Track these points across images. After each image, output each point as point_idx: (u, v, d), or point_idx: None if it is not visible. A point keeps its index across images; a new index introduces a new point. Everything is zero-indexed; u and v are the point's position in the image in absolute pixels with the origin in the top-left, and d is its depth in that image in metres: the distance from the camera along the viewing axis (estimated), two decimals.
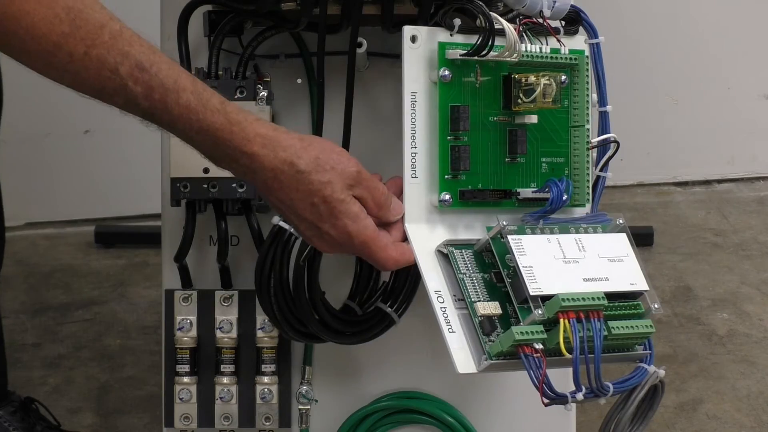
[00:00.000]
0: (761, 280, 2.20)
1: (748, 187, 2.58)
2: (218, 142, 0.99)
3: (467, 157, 1.06)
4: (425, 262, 1.04)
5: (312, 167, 1.01)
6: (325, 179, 1.01)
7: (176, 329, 1.24)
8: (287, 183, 1.01)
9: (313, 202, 1.01)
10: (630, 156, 2.45)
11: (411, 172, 1.06)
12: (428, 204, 1.07)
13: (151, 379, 1.87)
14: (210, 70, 1.19)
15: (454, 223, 1.07)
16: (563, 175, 1.11)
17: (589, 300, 0.99)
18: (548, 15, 1.09)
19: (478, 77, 1.07)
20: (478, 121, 1.07)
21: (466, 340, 1.01)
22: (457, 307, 1.02)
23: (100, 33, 0.95)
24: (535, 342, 0.98)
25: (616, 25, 2.37)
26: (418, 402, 1.29)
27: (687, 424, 1.78)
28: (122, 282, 2.20)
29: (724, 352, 1.96)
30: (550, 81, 1.07)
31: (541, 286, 1.00)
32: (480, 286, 1.03)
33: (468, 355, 1.01)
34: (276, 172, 1.00)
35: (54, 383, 1.89)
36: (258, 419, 1.25)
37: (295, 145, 1.01)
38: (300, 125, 1.25)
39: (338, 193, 1.02)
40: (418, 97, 1.06)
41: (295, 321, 1.18)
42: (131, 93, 0.97)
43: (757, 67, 2.56)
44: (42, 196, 2.36)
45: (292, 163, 1.00)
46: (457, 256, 1.04)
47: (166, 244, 1.26)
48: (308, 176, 1.01)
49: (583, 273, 1.02)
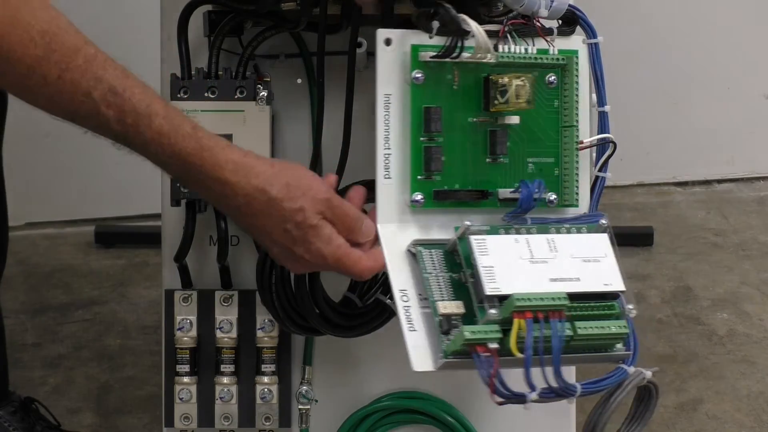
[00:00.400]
0: (761, 280, 2.20)
1: (748, 187, 2.58)
2: (189, 167, 1.00)
3: (439, 158, 1.07)
4: (393, 262, 1.05)
5: (284, 194, 1.02)
6: (296, 206, 1.02)
7: (176, 329, 1.24)
8: (259, 209, 1.02)
9: (285, 228, 1.02)
10: (630, 156, 2.45)
11: (384, 172, 1.07)
12: (402, 204, 1.07)
13: (151, 379, 1.87)
14: (210, 70, 1.20)
15: (429, 223, 1.08)
16: (553, 175, 1.11)
17: (549, 300, 1.00)
18: (546, 15, 1.09)
19: (455, 79, 1.08)
20: (456, 122, 1.08)
21: (427, 339, 1.02)
22: (421, 306, 1.03)
23: (74, 57, 0.95)
24: (489, 341, 0.99)
25: (616, 25, 2.37)
26: (418, 402, 1.29)
27: (687, 424, 1.78)
28: (122, 282, 2.20)
29: (724, 352, 1.97)
30: (524, 82, 1.07)
31: (500, 286, 1.00)
32: (446, 286, 1.04)
33: (426, 354, 1.01)
34: (248, 198, 1.01)
35: (54, 383, 1.89)
36: (258, 419, 1.25)
37: (266, 172, 1.02)
38: (300, 125, 1.25)
39: (310, 219, 1.03)
40: (392, 98, 1.07)
41: (296, 315, 1.18)
42: (104, 117, 0.97)
43: (757, 67, 2.56)
44: (42, 196, 2.36)
45: (264, 190, 1.01)
46: (424, 256, 1.05)
47: (166, 244, 1.26)
48: (280, 203, 1.02)
49: (550, 273, 1.03)
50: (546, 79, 1.10)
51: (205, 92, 1.19)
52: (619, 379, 1.06)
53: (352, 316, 1.21)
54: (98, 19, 2.22)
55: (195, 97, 1.18)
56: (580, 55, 1.11)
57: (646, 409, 1.10)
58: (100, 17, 2.21)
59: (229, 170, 1.00)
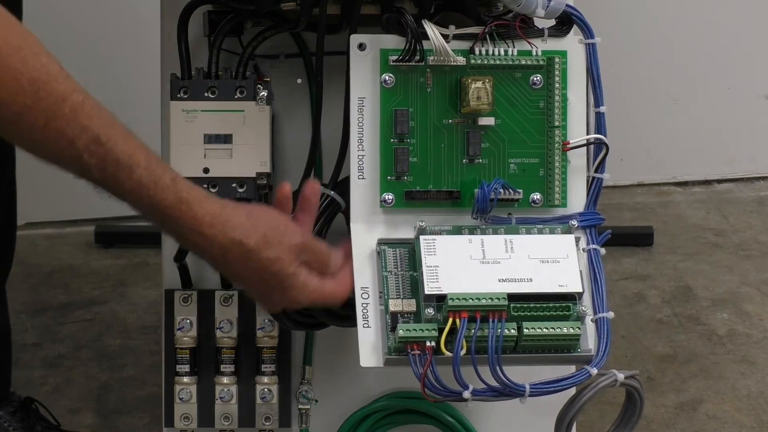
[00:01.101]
0: (761, 280, 2.20)
1: (748, 187, 2.58)
2: (167, 219, 1.01)
3: (406, 159, 1.10)
4: (359, 260, 1.08)
5: (261, 245, 1.03)
6: (273, 256, 1.03)
7: (176, 329, 1.24)
8: (237, 260, 1.03)
9: (262, 277, 1.04)
10: (630, 156, 2.45)
11: (358, 173, 1.10)
12: (374, 204, 1.10)
13: (151, 379, 1.87)
14: (210, 70, 1.19)
15: (400, 223, 1.10)
16: (537, 175, 1.12)
17: (487, 300, 1.02)
18: (542, 15, 1.09)
19: (428, 81, 1.10)
20: (430, 124, 1.11)
21: (379, 336, 1.05)
22: (380, 304, 1.06)
23: (61, 106, 0.95)
24: (426, 339, 1.02)
25: (616, 25, 2.37)
26: (418, 402, 1.29)
27: (687, 424, 1.78)
28: (122, 282, 2.20)
29: (724, 352, 1.96)
30: (484, 85, 1.09)
31: (441, 286, 1.03)
32: (406, 285, 1.06)
33: (374, 350, 1.05)
34: (225, 250, 1.02)
35: (54, 383, 1.89)
36: (258, 419, 1.25)
37: (243, 224, 1.03)
38: (300, 125, 1.25)
39: (287, 268, 1.04)
40: (366, 101, 1.10)
41: (295, 313, 1.18)
42: (86, 164, 0.98)
43: (757, 67, 2.56)
44: (42, 196, 2.36)
45: (241, 242, 1.02)
46: (387, 254, 1.08)
47: (166, 244, 1.26)
48: (257, 254, 1.03)
49: (501, 274, 1.05)
50: (530, 80, 1.11)
51: (205, 92, 1.19)
52: (579, 380, 1.05)
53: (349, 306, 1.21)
54: (99, 19, 2.22)
55: (195, 97, 1.18)
56: (570, 55, 1.12)
57: (632, 413, 1.10)
58: (101, 17, 2.21)
59: (206, 223, 1.01)
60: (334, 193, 1.18)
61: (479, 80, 1.09)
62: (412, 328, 1.02)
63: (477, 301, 1.02)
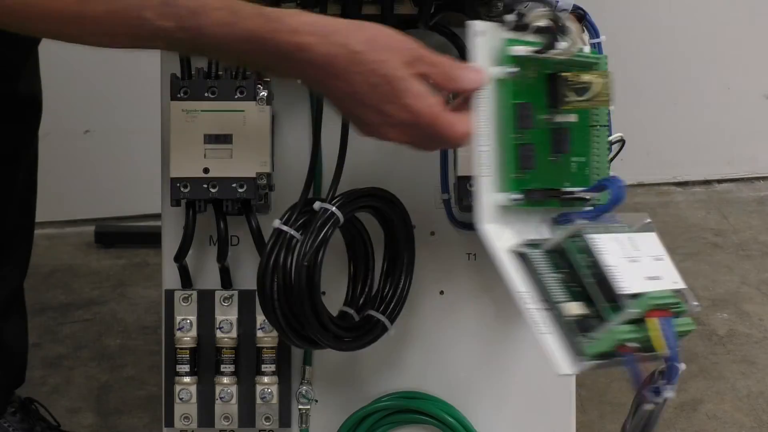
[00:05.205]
0: (761, 280, 2.20)
1: (748, 187, 2.58)
2: (262, 44, 0.96)
3: (531, 156, 1.04)
4: (504, 263, 1.01)
5: (367, 47, 0.96)
6: (382, 57, 0.96)
7: (176, 329, 1.24)
8: (343, 67, 0.96)
9: (373, 82, 0.96)
10: (630, 156, 2.44)
11: (484, 170, 1.02)
12: (501, 203, 1.03)
13: (151, 379, 1.87)
14: (210, 69, 1.19)
15: (521, 223, 1.04)
16: (584, 174, 1.10)
17: (667, 298, 0.99)
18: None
19: (533, 75, 1.05)
20: (535, 119, 1.05)
21: (559, 342, 0.99)
22: (539, 308, 1.00)
23: None
24: (632, 341, 0.98)
25: (616, 25, 2.37)
26: (418, 402, 1.29)
27: (687, 424, 1.78)
28: (122, 282, 2.20)
29: (724, 352, 1.97)
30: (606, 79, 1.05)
31: (629, 285, 0.99)
32: (560, 286, 1.01)
33: (565, 356, 0.99)
34: (329, 57, 0.96)
35: (54, 383, 1.89)
36: (258, 419, 1.25)
37: (346, 28, 0.97)
38: (300, 125, 1.25)
39: (397, 71, 0.96)
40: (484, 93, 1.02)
41: (299, 326, 1.18)
42: (164, 31, 0.95)
43: (757, 67, 2.56)
44: (42, 196, 2.36)
45: (345, 44, 0.96)
46: (535, 257, 1.02)
47: (166, 244, 1.26)
48: (364, 56, 0.96)
49: (644, 272, 1.01)
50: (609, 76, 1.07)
51: (205, 92, 1.19)
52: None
53: (350, 329, 1.21)
54: None
55: (195, 97, 1.18)
56: None
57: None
58: None
59: (305, 32, 0.95)
60: (334, 208, 1.15)
61: (597, 74, 1.05)
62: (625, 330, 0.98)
63: (663, 300, 0.99)
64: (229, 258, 1.23)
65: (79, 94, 2.30)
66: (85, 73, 2.27)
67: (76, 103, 2.30)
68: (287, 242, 1.15)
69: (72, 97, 2.28)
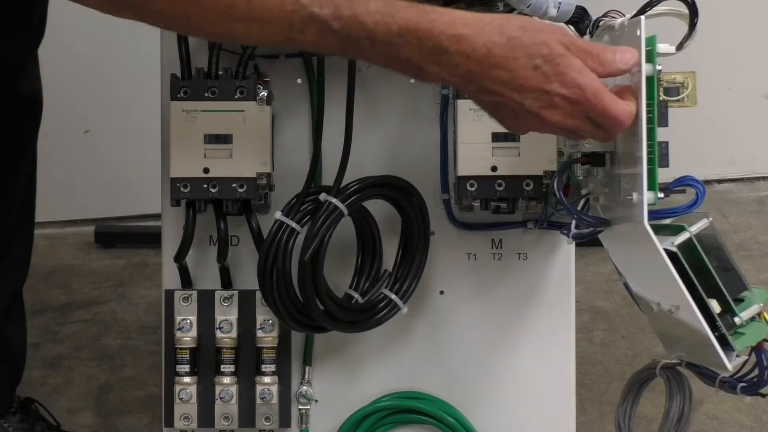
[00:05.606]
0: (761, 280, 2.20)
1: (748, 187, 2.58)
2: (421, 35, 0.96)
3: (666, 155, 1.08)
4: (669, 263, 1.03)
5: (523, 32, 0.97)
6: (539, 39, 0.97)
7: (176, 329, 1.24)
8: (502, 54, 0.97)
9: (534, 64, 0.97)
10: None
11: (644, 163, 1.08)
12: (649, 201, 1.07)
13: (151, 379, 1.87)
14: (210, 70, 1.20)
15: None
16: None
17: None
18: (554, 15, 1.08)
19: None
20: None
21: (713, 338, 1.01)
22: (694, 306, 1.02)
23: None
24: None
25: None
26: (418, 402, 1.28)
27: None
28: (122, 282, 2.20)
29: None
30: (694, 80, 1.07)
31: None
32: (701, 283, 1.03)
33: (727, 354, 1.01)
34: (488, 46, 0.96)
35: (54, 383, 1.89)
36: (258, 419, 1.25)
37: (496, 19, 0.98)
38: (300, 125, 1.25)
39: (557, 49, 0.97)
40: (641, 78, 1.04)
41: (297, 313, 1.18)
42: (320, 19, 0.95)
43: (757, 67, 2.56)
44: (42, 196, 2.36)
45: (501, 32, 0.97)
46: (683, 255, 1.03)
47: (166, 244, 1.26)
48: (521, 40, 0.97)
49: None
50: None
51: (205, 92, 1.19)
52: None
53: (356, 311, 1.21)
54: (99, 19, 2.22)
55: (195, 97, 1.18)
56: None
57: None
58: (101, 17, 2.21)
59: (461, 24, 0.96)
60: (336, 201, 1.16)
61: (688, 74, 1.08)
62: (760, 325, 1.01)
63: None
64: (229, 258, 1.23)
65: (79, 94, 2.29)
66: (85, 73, 2.27)
67: (76, 103, 2.30)
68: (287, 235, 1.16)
69: (72, 97, 2.28)
